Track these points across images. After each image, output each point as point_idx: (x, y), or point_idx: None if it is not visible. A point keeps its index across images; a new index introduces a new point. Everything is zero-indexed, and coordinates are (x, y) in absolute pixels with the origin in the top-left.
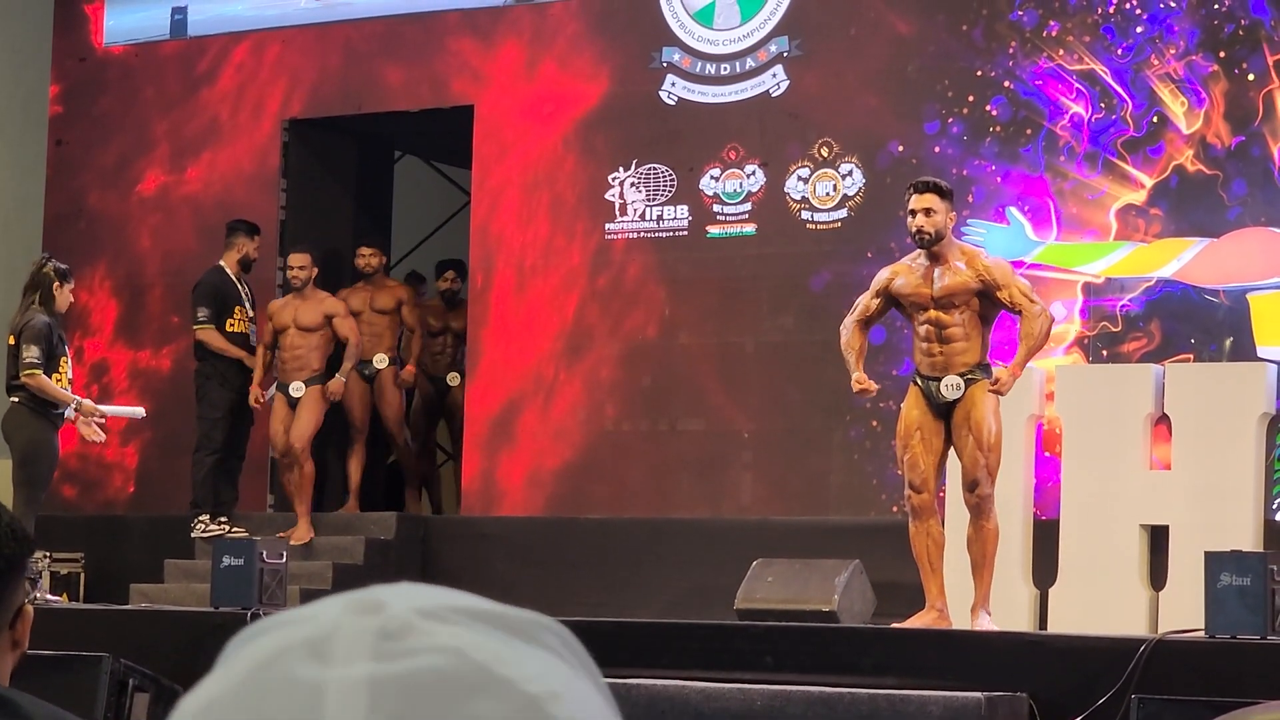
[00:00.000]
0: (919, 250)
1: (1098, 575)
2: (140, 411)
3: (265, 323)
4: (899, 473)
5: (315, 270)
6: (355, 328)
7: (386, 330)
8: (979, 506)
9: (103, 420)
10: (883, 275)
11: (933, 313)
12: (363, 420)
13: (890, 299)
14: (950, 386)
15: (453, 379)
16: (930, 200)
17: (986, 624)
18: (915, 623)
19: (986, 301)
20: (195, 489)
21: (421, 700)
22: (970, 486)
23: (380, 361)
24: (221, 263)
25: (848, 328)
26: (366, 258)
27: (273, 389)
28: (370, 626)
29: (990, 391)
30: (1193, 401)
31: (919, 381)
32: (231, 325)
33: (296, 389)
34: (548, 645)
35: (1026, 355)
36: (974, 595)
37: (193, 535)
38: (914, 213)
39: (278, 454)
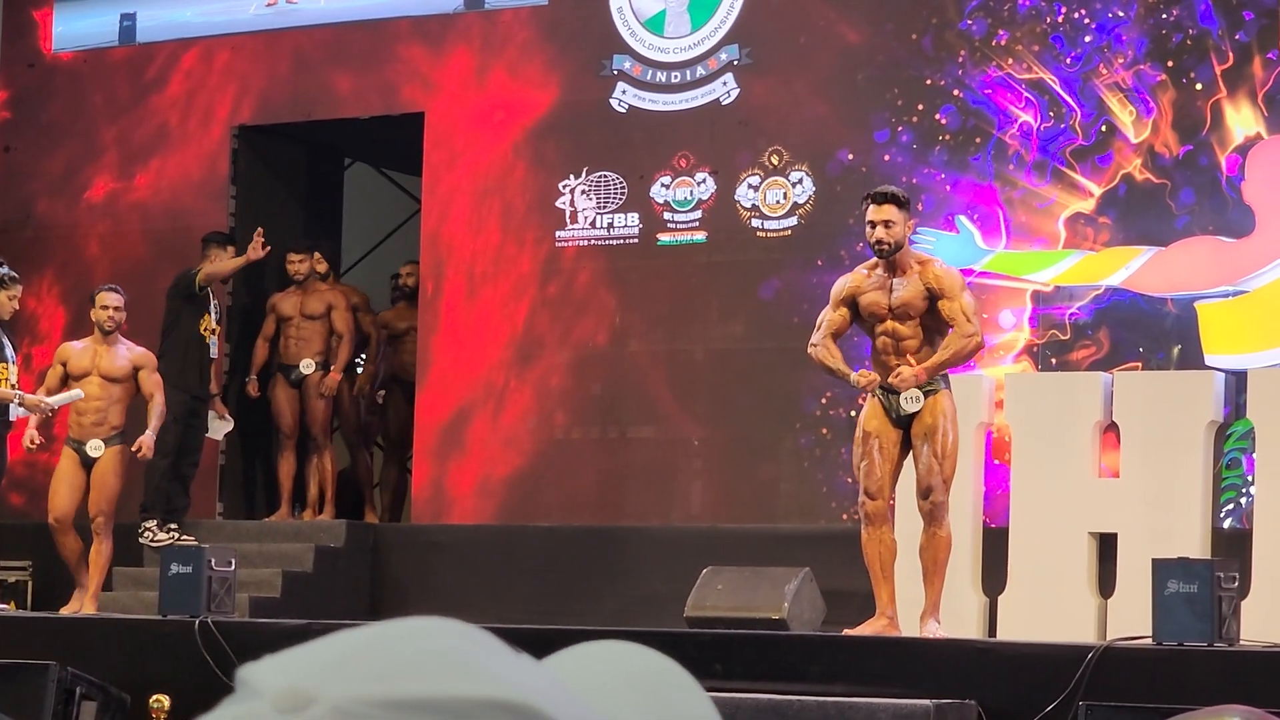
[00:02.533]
0: (875, 260)
1: (1047, 583)
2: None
3: (56, 366)
4: (850, 480)
5: (124, 315)
6: (161, 384)
7: (315, 335)
8: (933, 513)
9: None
10: (842, 285)
11: (890, 324)
12: (292, 426)
13: (853, 308)
14: (910, 399)
15: (306, 367)
16: (889, 211)
17: (935, 631)
18: (865, 630)
19: (938, 311)
20: (148, 494)
21: None
22: (924, 493)
23: (307, 367)
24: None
25: (820, 345)
26: (295, 264)
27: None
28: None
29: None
30: (1141, 409)
31: (878, 393)
32: (201, 331)
33: (95, 448)
34: None
35: (939, 365)
36: (924, 602)
37: (140, 541)
38: (873, 224)
39: (55, 518)
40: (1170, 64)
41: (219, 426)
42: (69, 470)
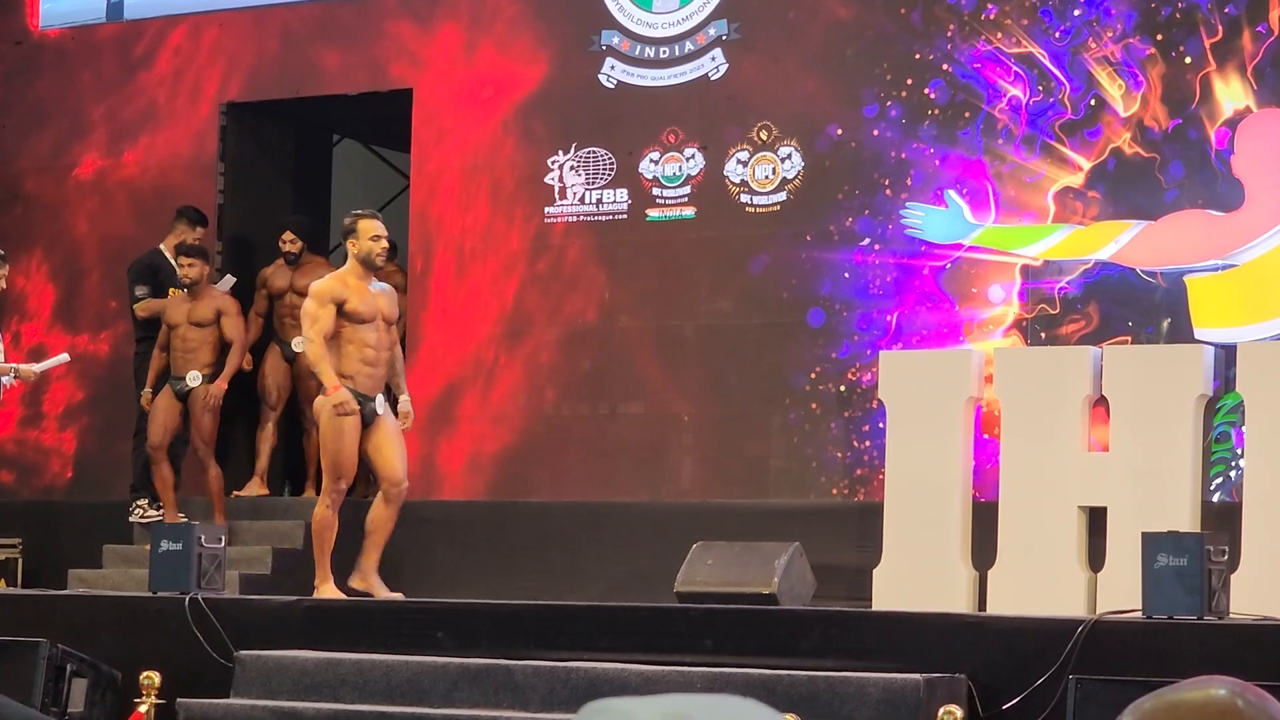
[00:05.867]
0: None
1: (1036, 557)
2: (65, 357)
3: (328, 306)
4: (840, 455)
5: None
6: None
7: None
8: None
9: (34, 375)
10: None
11: None
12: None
13: None
14: None
15: (298, 345)
16: None
17: None
18: None
19: None
20: (134, 473)
21: None
22: None
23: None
24: (161, 246)
25: None
26: (185, 268)
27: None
28: None
29: None
30: (1131, 383)
31: None
32: None
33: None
34: None
35: None
36: None
37: (131, 520)
38: None
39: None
40: (1159, 37)
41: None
42: None
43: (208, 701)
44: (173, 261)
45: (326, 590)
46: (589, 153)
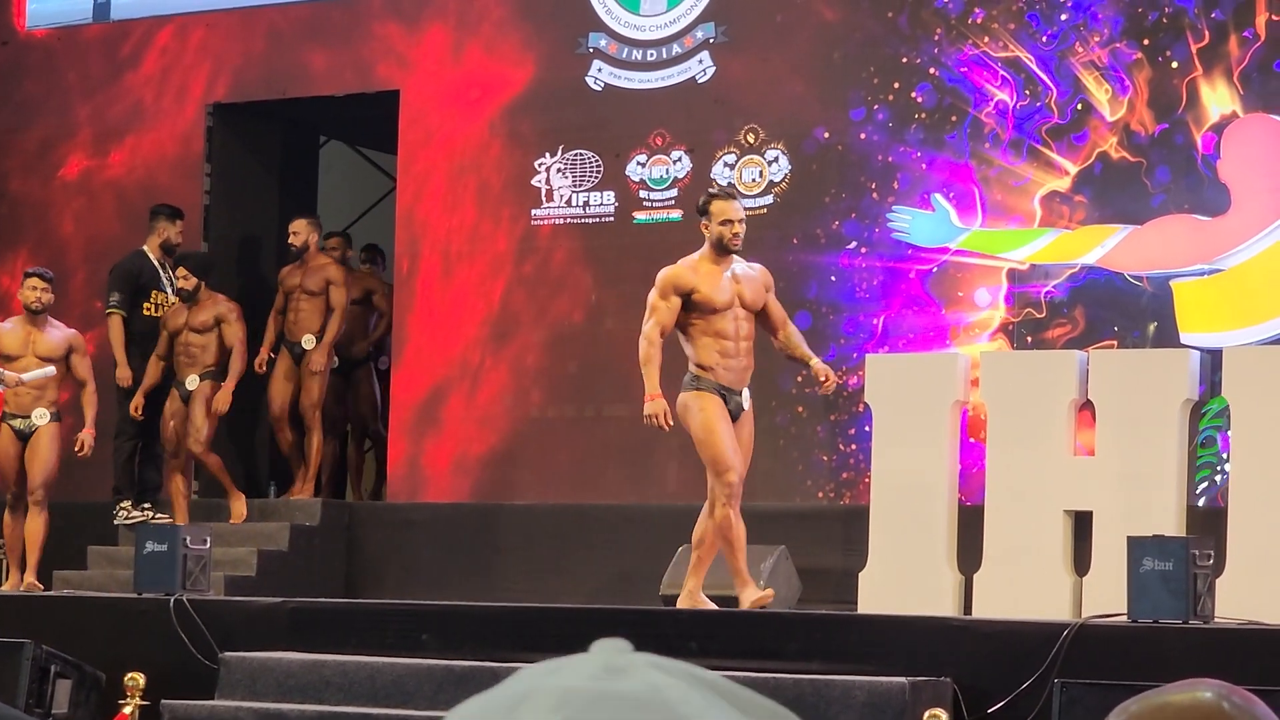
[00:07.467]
0: None
1: (1022, 561)
2: (51, 370)
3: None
4: (826, 459)
5: None
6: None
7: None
8: None
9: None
10: None
11: None
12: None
13: None
14: None
15: (307, 342)
16: None
17: None
18: None
19: None
20: (116, 475)
21: (594, 709)
22: None
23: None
24: (144, 247)
25: None
26: (38, 291)
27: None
28: (599, 661)
29: None
30: (1116, 388)
31: None
32: (148, 309)
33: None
34: None
35: None
36: None
37: (115, 521)
38: None
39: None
40: (1146, 42)
41: None
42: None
43: (192, 703)
44: (156, 263)
45: (750, 594)
46: (576, 155)
